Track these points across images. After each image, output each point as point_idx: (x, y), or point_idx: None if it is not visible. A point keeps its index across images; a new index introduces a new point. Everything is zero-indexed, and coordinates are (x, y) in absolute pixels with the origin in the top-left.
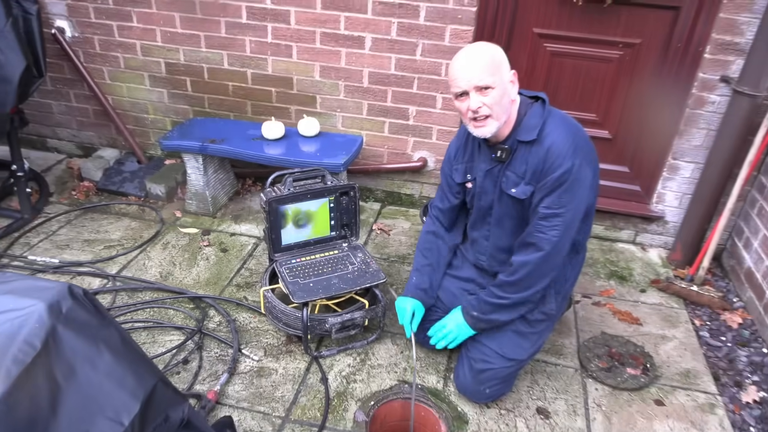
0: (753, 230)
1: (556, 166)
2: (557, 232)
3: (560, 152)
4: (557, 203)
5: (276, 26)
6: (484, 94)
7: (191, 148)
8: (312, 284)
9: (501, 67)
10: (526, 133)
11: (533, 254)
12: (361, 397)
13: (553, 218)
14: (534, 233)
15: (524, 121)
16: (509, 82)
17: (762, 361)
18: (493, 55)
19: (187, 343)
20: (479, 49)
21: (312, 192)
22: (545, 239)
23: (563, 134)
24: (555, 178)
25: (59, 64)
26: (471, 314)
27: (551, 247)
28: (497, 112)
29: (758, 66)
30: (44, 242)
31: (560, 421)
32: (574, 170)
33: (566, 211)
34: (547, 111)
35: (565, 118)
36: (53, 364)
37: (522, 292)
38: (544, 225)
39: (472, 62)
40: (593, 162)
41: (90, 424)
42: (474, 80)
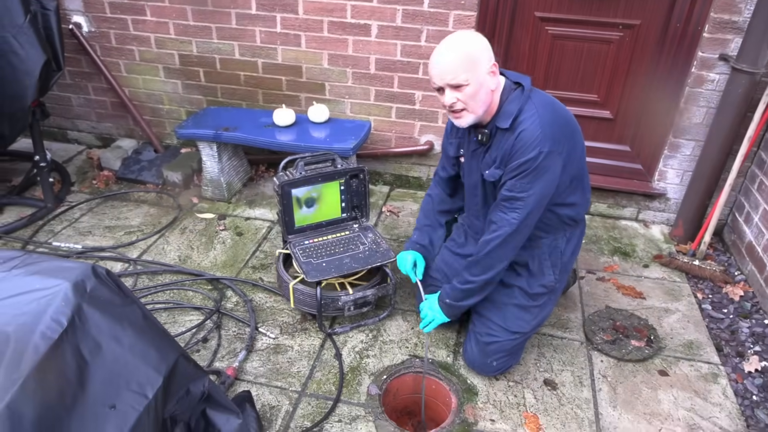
0: (753, 205)
1: (521, 152)
2: (517, 215)
3: (528, 140)
4: (519, 187)
5: (285, 16)
6: (458, 91)
7: (206, 136)
8: (325, 264)
9: (477, 63)
10: (503, 120)
11: (494, 233)
12: (373, 371)
13: (515, 201)
14: (496, 212)
15: (503, 108)
16: (488, 73)
17: (764, 332)
18: (469, 51)
19: (206, 322)
20: (454, 45)
21: (323, 175)
22: (506, 220)
23: (536, 122)
24: (519, 163)
25: (77, 58)
26: (445, 302)
27: (511, 228)
28: (473, 106)
29: (756, 43)
30: (67, 229)
31: (567, 392)
32: (539, 159)
33: (527, 196)
34: (525, 97)
35: (545, 104)
36: (80, 341)
37: (485, 273)
38: (505, 206)
39: (446, 60)
40: (569, 148)
41: (116, 397)
42: (447, 78)
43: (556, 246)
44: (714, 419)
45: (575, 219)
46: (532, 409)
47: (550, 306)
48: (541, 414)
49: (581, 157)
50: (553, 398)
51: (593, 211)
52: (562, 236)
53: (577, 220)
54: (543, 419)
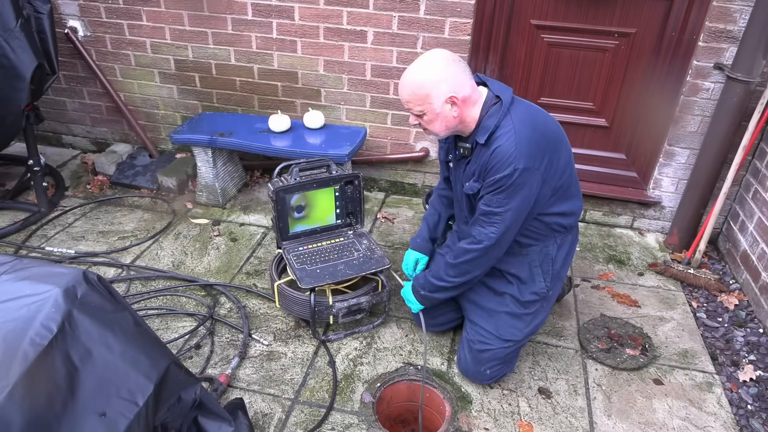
0: (748, 214)
1: (496, 169)
2: (495, 229)
3: (503, 157)
4: (495, 203)
5: (281, 22)
6: (418, 116)
7: (201, 141)
8: (319, 270)
9: (429, 97)
10: (481, 135)
11: (473, 245)
12: (367, 379)
13: (492, 216)
14: (476, 226)
15: (483, 122)
16: (444, 104)
17: (758, 340)
18: (422, 85)
19: (199, 328)
20: (410, 78)
21: (318, 181)
22: (484, 234)
23: (511, 139)
24: (494, 180)
25: (72, 62)
26: (419, 292)
27: (490, 242)
28: (433, 130)
29: (751, 53)
30: (61, 234)
31: (561, 400)
32: (514, 176)
33: (505, 212)
34: (504, 112)
35: (523, 120)
36: (69, 347)
37: (460, 277)
38: (484, 221)
39: (402, 90)
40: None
41: (106, 404)
42: (406, 106)
43: (547, 253)
44: (709, 429)
45: (565, 226)
46: (527, 417)
47: (543, 314)
48: (535, 423)
49: (566, 169)
50: (547, 407)
51: (588, 219)
52: (552, 243)
53: (567, 227)
54: (537, 428)
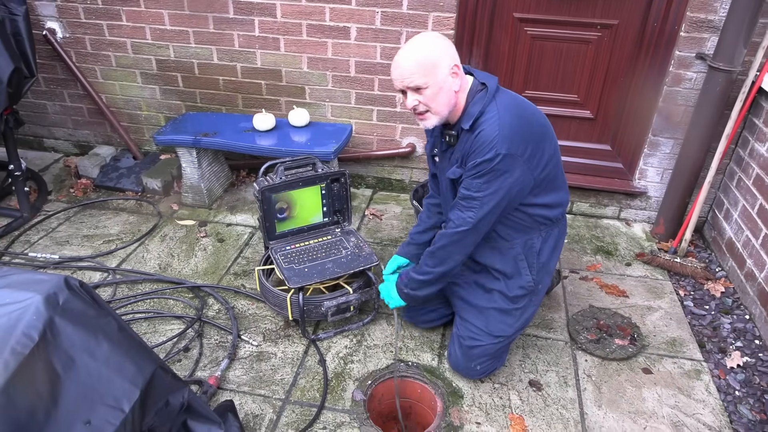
0: (732, 202)
1: (477, 153)
2: (473, 214)
3: (485, 142)
4: (475, 187)
5: (263, 20)
6: (419, 93)
7: (185, 142)
8: (307, 269)
9: (435, 66)
10: (465, 121)
11: (450, 229)
12: (358, 377)
13: (471, 200)
14: (454, 210)
15: (468, 109)
16: (449, 75)
17: (745, 327)
18: (428, 54)
19: (187, 331)
20: (413, 48)
21: (303, 180)
22: (462, 218)
23: (495, 124)
24: (475, 164)
25: (52, 64)
26: (403, 291)
27: (467, 226)
28: (435, 107)
29: (732, 42)
30: (44, 239)
31: (552, 392)
32: (495, 161)
33: (483, 197)
34: (489, 99)
35: (509, 106)
36: (52, 355)
37: (440, 266)
38: (462, 205)
39: (404, 64)
40: (532, 151)
41: (91, 412)
42: (406, 81)
43: (531, 246)
44: (698, 416)
45: (550, 219)
46: (518, 410)
47: (532, 308)
48: (526, 415)
49: (551, 159)
50: (538, 399)
51: (575, 211)
52: (537, 236)
53: (552, 220)
54: (529, 420)
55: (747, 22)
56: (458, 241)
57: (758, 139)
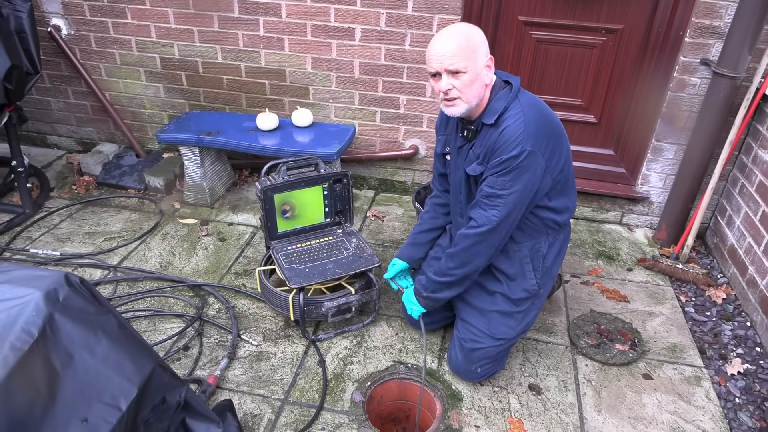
0: (735, 208)
1: (504, 149)
2: (497, 213)
3: (511, 138)
4: (500, 185)
5: (267, 19)
6: (455, 78)
7: (188, 140)
8: (308, 269)
9: (476, 52)
10: (489, 116)
11: (472, 230)
12: (357, 378)
13: (495, 198)
14: (476, 209)
15: (490, 104)
16: (484, 66)
17: (746, 334)
18: (470, 39)
19: (187, 330)
20: (456, 32)
21: (306, 180)
22: (485, 217)
23: (520, 121)
24: (501, 161)
25: (56, 61)
26: (422, 295)
27: (491, 225)
28: (467, 96)
29: (737, 48)
30: (46, 236)
31: (552, 396)
32: (521, 157)
33: (508, 194)
34: (513, 96)
35: (532, 104)
36: (51, 352)
37: (462, 267)
38: (486, 203)
39: (446, 45)
40: (551, 151)
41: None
42: (446, 63)
43: (538, 250)
44: (697, 422)
45: (558, 223)
46: (517, 414)
47: (534, 311)
48: (525, 419)
49: (566, 162)
50: (537, 403)
51: (578, 215)
52: (544, 240)
53: (560, 224)
54: (528, 424)
55: (752, 28)
56: (483, 242)
57: (762, 145)
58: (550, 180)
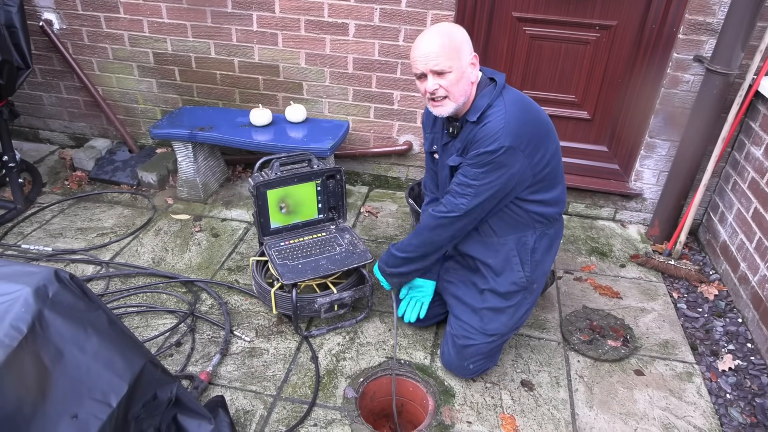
0: (727, 205)
1: (481, 143)
2: (466, 201)
3: (490, 133)
4: (472, 175)
5: (261, 15)
6: (441, 78)
7: (181, 136)
8: (300, 266)
9: (460, 51)
10: (472, 114)
11: (440, 213)
12: (350, 374)
13: (466, 187)
14: (448, 195)
15: (475, 102)
16: (469, 64)
17: (737, 330)
18: (453, 38)
19: (179, 326)
20: (439, 32)
21: (299, 176)
22: (454, 204)
23: (501, 117)
24: (477, 153)
25: (48, 56)
26: (386, 272)
27: (458, 212)
28: (454, 95)
29: (730, 45)
30: (37, 231)
31: (544, 392)
32: (498, 153)
33: (479, 185)
34: (497, 93)
35: (516, 101)
36: (40, 348)
37: (422, 247)
38: (456, 191)
39: (430, 46)
40: (534, 147)
41: (78, 406)
42: (430, 64)
43: (525, 243)
44: (689, 418)
45: (546, 217)
46: (509, 410)
47: (526, 306)
48: (517, 415)
49: (553, 158)
50: (530, 399)
51: (571, 211)
52: (531, 233)
53: (549, 219)
54: (520, 420)
55: (745, 25)
56: (446, 226)
57: (754, 142)
58: (530, 175)
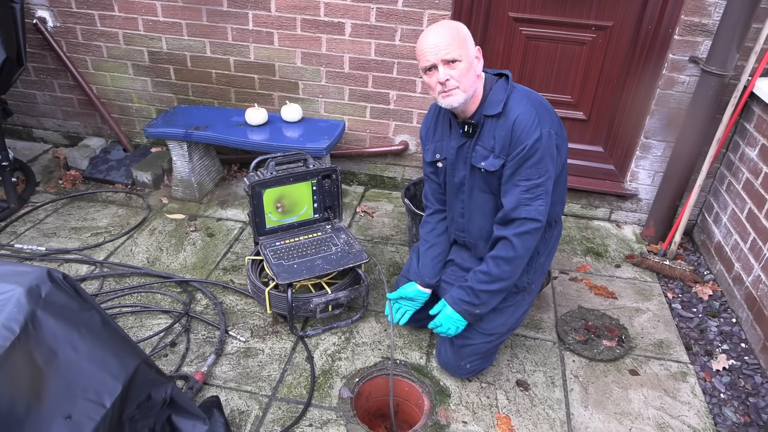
0: (722, 206)
1: (524, 137)
2: (543, 201)
3: (526, 124)
4: (536, 173)
5: (257, 13)
6: (452, 67)
7: (176, 135)
8: (296, 265)
9: (467, 42)
10: (492, 108)
11: (525, 226)
12: (346, 374)
13: (536, 188)
14: (520, 207)
15: (489, 97)
16: (475, 57)
17: (731, 330)
18: (459, 29)
19: (174, 326)
20: (445, 24)
21: (294, 175)
22: (534, 210)
23: (526, 107)
24: (526, 147)
25: (42, 54)
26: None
27: (541, 215)
28: (464, 84)
29: (725, 46)
30: (31, 231)
31: (539, 392)
32: (543, 138)
33: (546, 180)
34: (511, 86)
35: (527, 92)
36: (33, 349)
37: (519, 267)
38: (528, 198)
39: (440, 36)
40: (559, 129)
41: (72, 407)
42: (441, 53)
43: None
44: (683, 418)
45: (554, 218)
46: (505, 410)
47: (524, 306)
48: (513, 415)
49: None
50: (525, 399)
51: (567, 212)
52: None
53: (555, 220)
54: (515, 420)
55: (740, 26)
56: (534, 235)
57: (749, 143)
58: (560, 163)
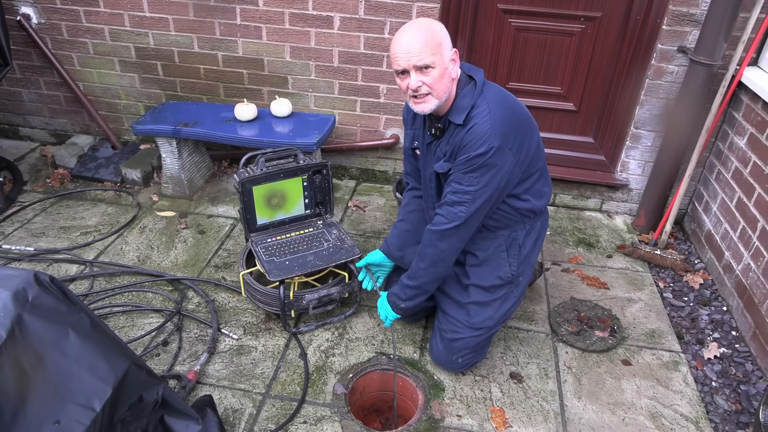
0: (712, 194)
1: (470, 147)
2: (465, 208)
3: (478, 135)
4: (467, 181)
5: (244, 8)
6: (425, 74)
7: (164, 131)
8: (288, 262)
9: (442, 46)
10: (456, 115)
11: (440, 226)
12: (339, 370)
13: (462, 194)
14: (444, 206)
15: (456, 102)
16: (450, 60)
17: (722, 318)
18: (434, 34)
19: (166, 325)
20: (420, 27)
21: (285, 171)
22: (452, 213)
23: (487, 118)
24: (468, 158)
25: (27, 51)
26: (400, 307)
27: (459, 221)
28: (438, 91)
29: (713, 36)
30: (19, 231)
31: (533, 384)
32: (488, 154)
33: (476, 191)
34: (478, 92)
35: (498, 99)
36: (20, 353)
37: (433, 267)
38: (453, 199)
39: (413, 41)
40: (519, 144)
41: (61, 412)
42: (414, 59)
43: (515, 238)
44: (675, 406)
45: (534, 211)
46: (499, 402)
47: (512, 299)
48: (507, 407)
49: (537, 151)
50: (519, 391)
51: (558, 203)
52: (521, 228)
53: (536, 213)
54: (509, 412)
55: (728, 16)
56: (449, 237)
57: (737, 132)
58: (519, 172)
